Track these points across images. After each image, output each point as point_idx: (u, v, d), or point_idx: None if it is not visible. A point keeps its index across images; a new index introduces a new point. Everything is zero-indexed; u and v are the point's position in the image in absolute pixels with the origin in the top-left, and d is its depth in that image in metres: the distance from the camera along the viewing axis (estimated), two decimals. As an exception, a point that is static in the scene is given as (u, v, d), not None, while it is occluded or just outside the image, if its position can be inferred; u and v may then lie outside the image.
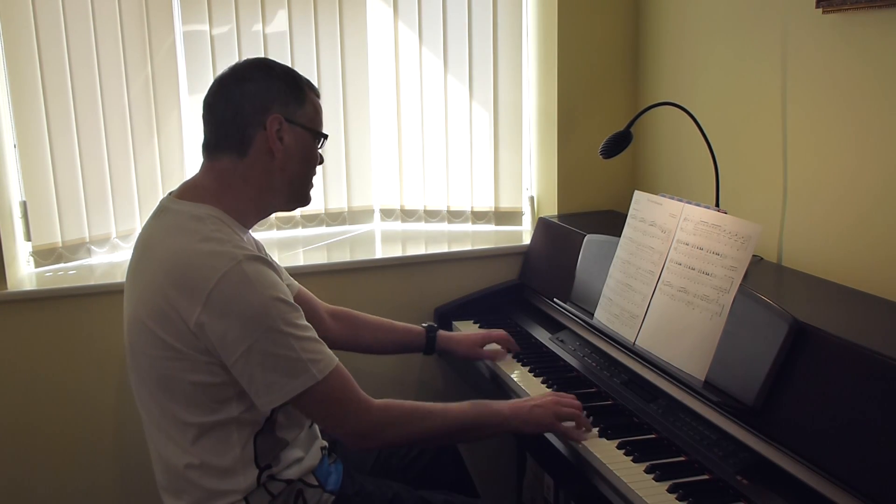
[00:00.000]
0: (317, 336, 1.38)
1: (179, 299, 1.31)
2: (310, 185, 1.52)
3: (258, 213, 1.49)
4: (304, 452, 1.49)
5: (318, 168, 1.53)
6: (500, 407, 1.55)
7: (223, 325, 1.30)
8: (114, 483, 2.18)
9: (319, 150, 1.51)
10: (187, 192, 1.45)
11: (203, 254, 1.33)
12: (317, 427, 1.57)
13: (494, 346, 1.99)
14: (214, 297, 1.29)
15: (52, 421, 2.10)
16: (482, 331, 2.01)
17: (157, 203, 1.47)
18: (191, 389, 1.36)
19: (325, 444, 1.57)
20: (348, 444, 1.44)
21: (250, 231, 1.50)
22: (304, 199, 1.53)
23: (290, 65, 1.57)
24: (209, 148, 1.45)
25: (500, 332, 2.00)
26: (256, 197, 1.45)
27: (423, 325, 1.95)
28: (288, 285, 1.67)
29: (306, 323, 1.38)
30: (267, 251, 1.60)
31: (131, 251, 1.48)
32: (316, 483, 1.49)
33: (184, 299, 1.31)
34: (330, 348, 1.40)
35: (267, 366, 1.32)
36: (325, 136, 1.50)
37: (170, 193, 1.47)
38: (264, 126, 1.41)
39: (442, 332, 1.95)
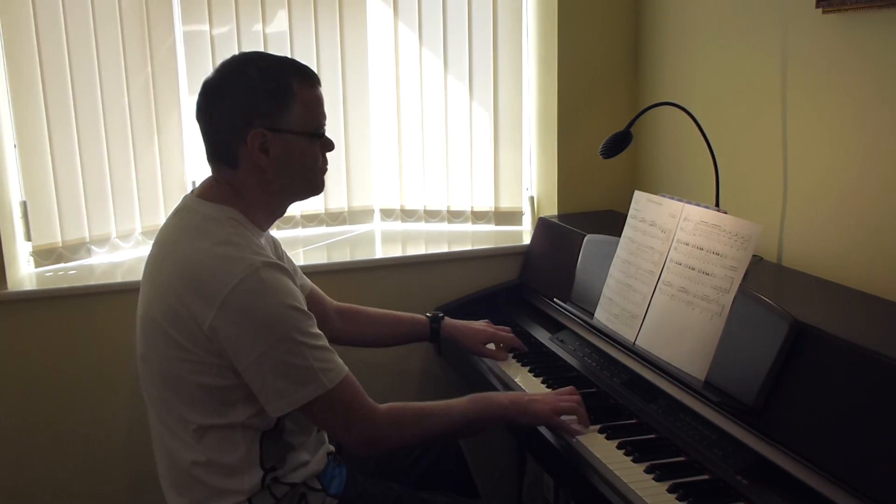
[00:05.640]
0: (328, 345, 1.38)
1: (194, 302, 1.31)
2: (318, 176, 1.47)
3: (270, 215, 1.48)
4: (311, 457, 1.48)
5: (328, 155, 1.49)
6: (500, 399, 1.56)
7: (237, 331, 1.30)
8: (114, 479, 2.17)
9: (326, 137, 1.46)
10: (207, 191, 1.44)
11: (220, 258, 1.32)
12: (324, 433, 1.56)
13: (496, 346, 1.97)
14: (230, 303, 1.29)
15: (52, 421, 2.10)
16: (490, 328, 1.98)
17: (180, 200, 1.47)
18: (198, 391, 1.36)
19: (332, 448, 1.57)
20: (354, 451, 1.44)
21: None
22: (315, 190, 1.50)
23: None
24: (207, 157, 1.45)
25: (507, 332, 1.97)
26: (263, 203, 1.44)
27: (428, 314, 1.94)
28: (301, 285, 1.67)
29: (319, 332, 1.37)
30: (283, 247, 1.63)
31: (151, 245, 1.47)
32: (319, 487, 1.48)
33: (198, 302, 1.30)
34: (336, 346, 1.40)
35: (278, 373, 1.32)
36: (320, 136, 1.45)
37: (192, 191, 1.47)
38: (246, 142, 1.38)
39: (448, 321, 1.93)
